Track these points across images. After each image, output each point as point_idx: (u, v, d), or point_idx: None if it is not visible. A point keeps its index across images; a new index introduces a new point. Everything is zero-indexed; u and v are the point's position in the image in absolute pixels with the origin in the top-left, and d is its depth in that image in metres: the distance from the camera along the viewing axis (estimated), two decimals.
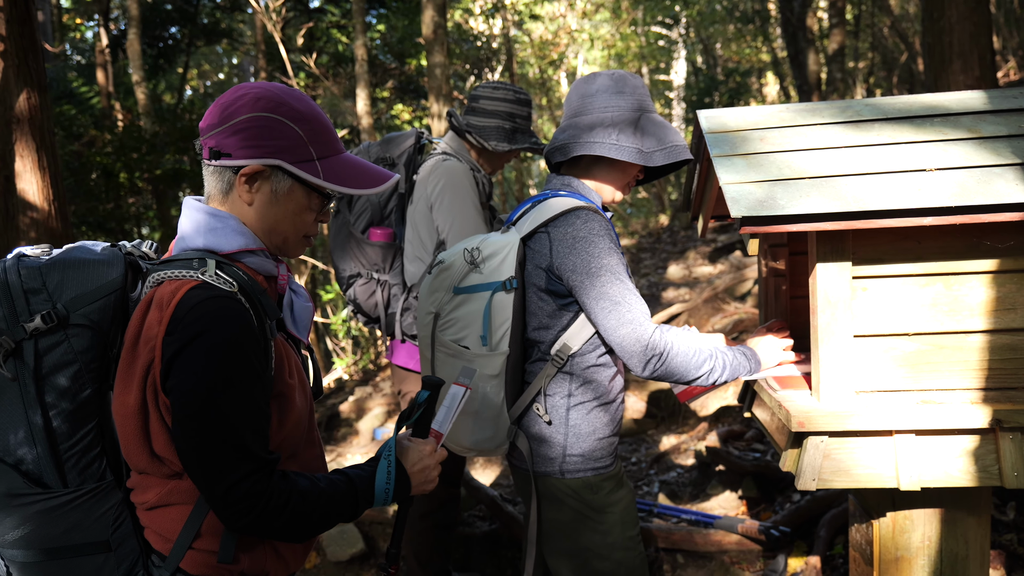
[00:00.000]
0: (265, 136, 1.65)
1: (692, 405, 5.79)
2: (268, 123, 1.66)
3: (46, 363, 1.59)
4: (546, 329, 2.38)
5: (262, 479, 1.56)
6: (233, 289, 1.59)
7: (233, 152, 1.65)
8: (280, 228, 1.74)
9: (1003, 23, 14.43)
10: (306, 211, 1.74)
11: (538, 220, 2.36)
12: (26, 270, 1.61)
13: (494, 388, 2.36)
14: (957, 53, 5.88)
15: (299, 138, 1.68)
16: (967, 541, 2.20)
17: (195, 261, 1.63)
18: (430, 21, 8.33)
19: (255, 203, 1.70)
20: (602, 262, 2.26)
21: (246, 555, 1.69)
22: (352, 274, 3.53)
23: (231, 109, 1.66)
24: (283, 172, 1.69)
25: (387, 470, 1.72)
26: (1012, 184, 1.88)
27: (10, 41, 3.86)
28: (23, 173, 3.98)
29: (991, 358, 2.05)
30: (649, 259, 11.57)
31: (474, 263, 2.36)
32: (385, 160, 3.47)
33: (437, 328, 2.42)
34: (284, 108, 1.68)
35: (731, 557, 3.88)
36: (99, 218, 11.57)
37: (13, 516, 1.60)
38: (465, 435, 2.46)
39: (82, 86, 15.07)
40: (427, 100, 9.64)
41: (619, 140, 2.34)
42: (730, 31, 21.40)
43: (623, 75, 2.44)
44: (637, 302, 2.26)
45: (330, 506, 1.65)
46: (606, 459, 2.42)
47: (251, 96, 1.67)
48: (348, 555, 4.30)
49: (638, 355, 2.22)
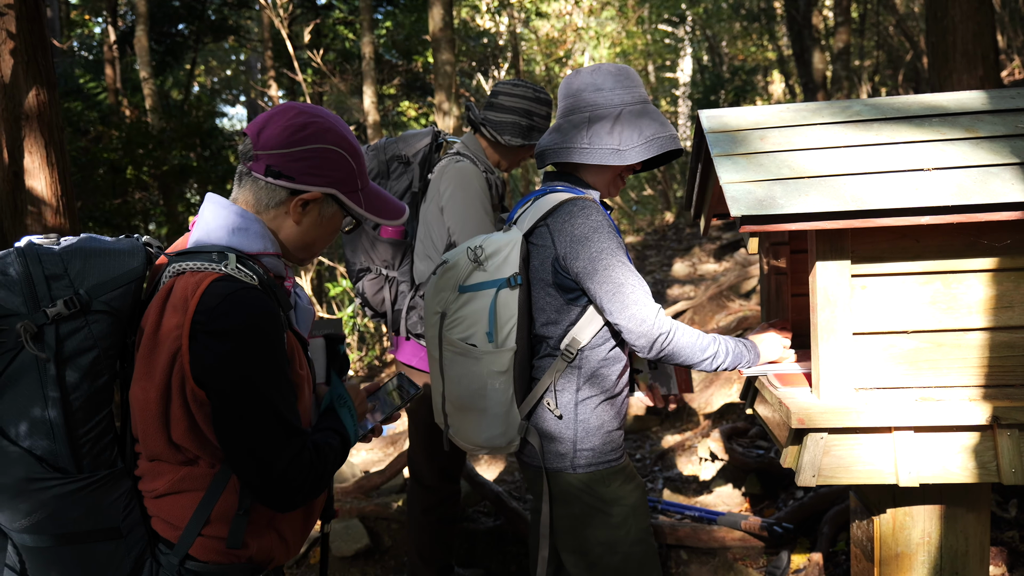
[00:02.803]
0: (327, 167, 1.78)
1: (696, 403, 5.81)
2: (332, 155, 1.78)
3: (66, 348, 1.61)
4: (554, 324, 2.40)
5: (306, 450, 1.68)
6: (254, 282, 1.67)
7: (297, 177, 1.76)
8: (315, 245, 1.89)
9: (1008, 22, 14.39)
10: (335, 232, 1.90)
11: (537, 215, 2.39)
12: (47, 256, 1.63)
13: (503, 384, 2.36)
14: (961, 52, 5.88)
15: (352, 170, 1.83)
16: (967, 537, 2.22)
17: (215, 255, 1.69)
18: (438, 19, 8.34)
19: (302, 223, 1.82)
20: (602, 246, 2.29)
21: (254, 540, 1.74)
22: (362, 268, 3.55)
23: (301, 135, 1.75)
24: (333, 199, 1.82)
25: (350, 416, 1.89)
26: (1009, 183, 1.90)
27: (20, 38, 3.88)
28: (32, 169, 4.01)
29: (989, 355, 2.07)
30: (654, 256, 11.58)
31: (478, 261, 2.37)
32: (400, 158, 3.48)
33: (444, 327, 2.42)
34: (345, 143, 1.81)
35: (734, 553, 3.90)
36: (106, 214, 11.61)
37: (28, 501, 1.62)
38: (475, 433, 2.46)
39: (90, 82, 15.11)
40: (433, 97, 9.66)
41: (591, 143, 2.37)
42: (736, 29, 21.36)
43: (605, 71, 2.45)
44: (640, 284, 2.29)
45: (338, 460, 1.79)
46: (615, 452, 2.44)
47: (319, 127, 1.78)
48: (353, 551, 4.32)
49: (645, 335, 2.25)
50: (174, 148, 12.15)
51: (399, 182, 3.48)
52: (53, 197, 4.07)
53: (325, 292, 11.30)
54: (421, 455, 3.56)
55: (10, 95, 3.92)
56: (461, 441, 2.53)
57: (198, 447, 1.68)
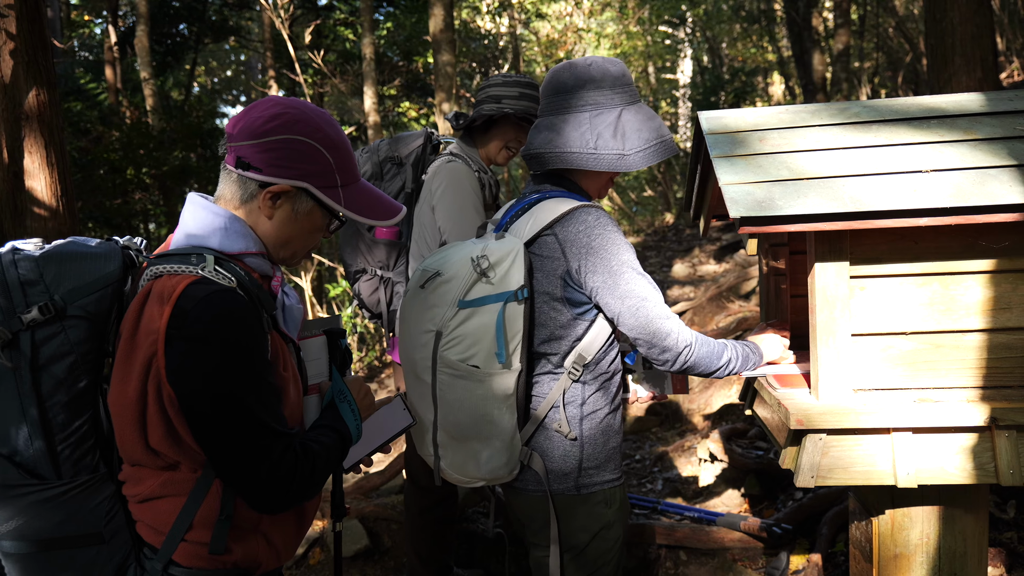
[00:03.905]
0: (297, 160, 1.71)
1: (695, 404, 5.81)
2: (302, 147, 1.71)
3: (43, 354, 1.61)
4: (558, 340, 2.24)
5: (291, 452, 1.64)
6: (232, 284, 1.63)
7: (264, 168, 1.70)
8: (292, 243, 1.80)
9: (1007, 24, 14.39)
10: (317, 231, 1.82)
11: (540, 222, 2.23)
12: (23, 262, 1.63)
13: (508, 410, 2.20)
14: (960, 54, 5.89)
15: (328, 164, 1.74)
16: (965, 538, 2.22)
17: (193, 256, 1.65)
18: (439, 20, 8.34)
19: (275, 218, 1.76)
20: (622, 259, 2.17)
21: (238, 545, 1.71)
22: (358, 269, 3.56)
23: (268, 126, 1.70)
24: (307, 194, 1.75)
25: (351, 411, 1.86)
26: (1007, 185, 1.90)
27: (20, 39, 3.89)
28: (32, 169, 4.01)
29: (987, 357, 2.08)
30: (654, 257, 11.59)
31: (483, 273, 2.17)
32: (394, 159, 3.49)
33: (440, 347, 2.21)
34: (319, 135, 1.73)
35: (734, 554, 3.90)
36: (106, 214, 11.63)
37: (7, 507, 1.62)
38: (475, 466, 2.28)
39: (90, 82, 15.13)
40: (434, 98, 9.66)
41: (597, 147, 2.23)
42: (736, 31, 21.37)
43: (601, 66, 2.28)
44: (659, 296, 2.19)
45: (333, 457, 1.76)
46: (617, 471, 2.35)
47: (290, 117, 1.71)
48: (352, 551, 4.31)
49: (671, 349, 2.16)
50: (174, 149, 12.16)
51: (392, 183, 3.49)
52: (53, 197, 4.07)
53: (325, 293, 11.30)
54: (417, 456, 3.56)
55: (10, 95, 3.93)
56: (456, 475, 2.33)
57: (176, 452, 1.64)
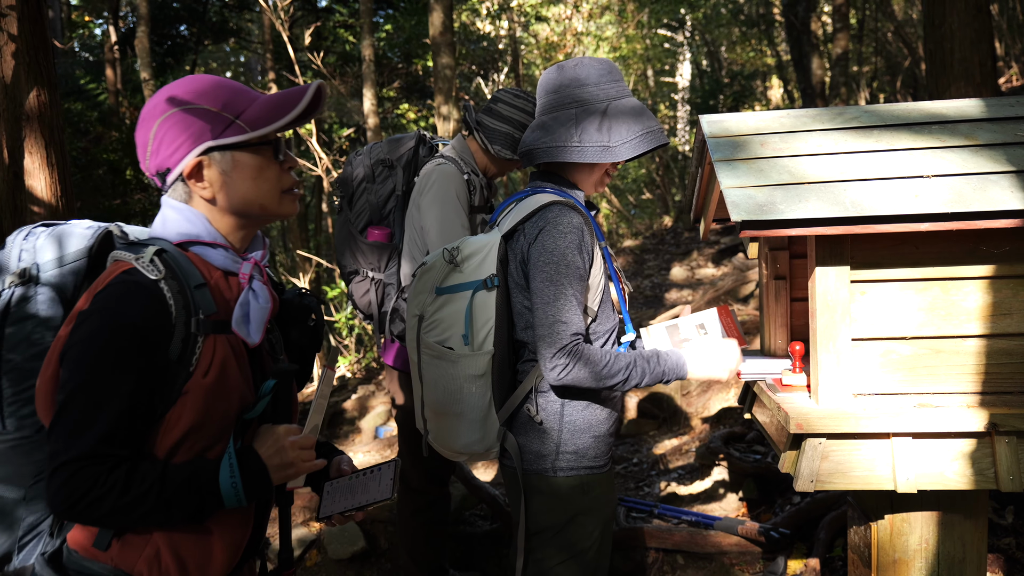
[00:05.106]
0: (179, 132, 1.65)
1: (693, 407, 5.81)
2: (174, 119, 1.65)
3: (12, 312, 1.73)
4: (532, 328, 2.34)
5: (103, 467, 1.52)
6: (158, 277, 1.58)
7: (171, 164, 1.67)
8: (249, 198, 1.70)
9: (1006, 29, 14.43)
10: (264, 168, 1.71)
11: (517, 218, 2.36)
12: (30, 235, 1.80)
13: (480, 389, 2.32)
14: (958, 59, 5.89)
15: (206, 112, 1.65)
16: (964, 544, 2.22)
17: (140, 247, 1.65)
18: (438, 23, 8.35)
19: (212, 193, 1.68)
20: (554, 258, 2.24)
21: (125, 549, 1.63)
22: (351, 270, 3.58)
23: (141, 137, 1.70)
24: (216, 150, 1.66)
25: (228, 464, 1.62)
26: (1007, 191, 1.91)
27: (21, 39, 3.90)
28: (32, 169, 4.02)
29: (987, 362, 2.08)
30: (653, 260, 11.60)
31: (454, 262, 2.33)
32: (385, 162, 3.49)
33: (421, 330, 2.38)
34: (175, 99, 1.66)
35: (731, 558, 3.90)
36: (106, 214, 11.61)
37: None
38: (453, 438, 2.42)
39: (90, 83, 15.11)
40: (433, 100, 9.67)
41: (582, 141, 2.30)
42: (735, 34, 21.41)
43: (589, 66, 2.38)
44: (569, 308, 2.23)
45: (173, 501, 1.56)
46: (601, 459, 2.39)
47: (147, 111, 1.69)
48: (349, 553, 4.32)
49: (547, 357, 2.22)
50: None
51: (384, 185, 3.49)
52: (53, 197, 4.08)
53: (323, 294, 11.30)
54: (407, 458, 3.57)
55: (11, 95, 3.94)
56: (440, 447, 2.49)
57: None
